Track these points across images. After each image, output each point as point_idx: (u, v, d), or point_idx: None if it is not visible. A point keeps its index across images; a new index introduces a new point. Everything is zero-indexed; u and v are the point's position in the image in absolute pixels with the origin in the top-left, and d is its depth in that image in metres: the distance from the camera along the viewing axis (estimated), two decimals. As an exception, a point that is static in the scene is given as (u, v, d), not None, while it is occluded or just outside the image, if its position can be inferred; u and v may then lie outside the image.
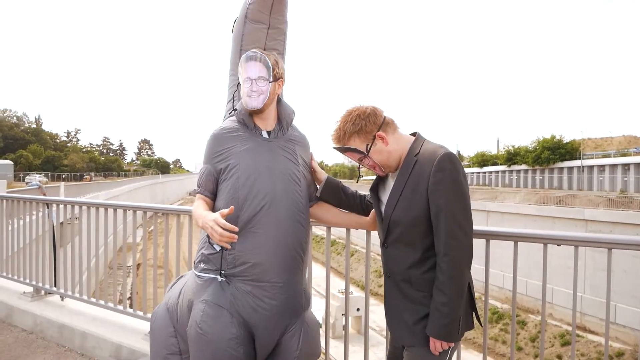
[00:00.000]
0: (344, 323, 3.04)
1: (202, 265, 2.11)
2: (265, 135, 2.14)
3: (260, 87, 2.06)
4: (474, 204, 30.82)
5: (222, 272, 2.02)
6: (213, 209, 2.11)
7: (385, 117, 1.97)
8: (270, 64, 2.09)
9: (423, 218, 1.84)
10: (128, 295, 17.64)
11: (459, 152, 61.04)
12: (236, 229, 1.85)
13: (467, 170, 49.34)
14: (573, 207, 25.48)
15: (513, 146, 43.17)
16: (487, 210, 27.72)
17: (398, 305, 1.93)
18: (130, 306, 3.86)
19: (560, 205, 26.39)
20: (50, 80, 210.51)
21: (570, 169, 37.11)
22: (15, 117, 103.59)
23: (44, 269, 4.56)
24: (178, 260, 3.97)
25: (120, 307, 3.89)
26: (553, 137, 39.28)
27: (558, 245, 2.23)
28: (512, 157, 42.01)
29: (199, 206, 2.10)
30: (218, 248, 2.04)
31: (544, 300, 2.37)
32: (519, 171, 41.77)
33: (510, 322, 21.79)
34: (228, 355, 1.94)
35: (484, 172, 46.21)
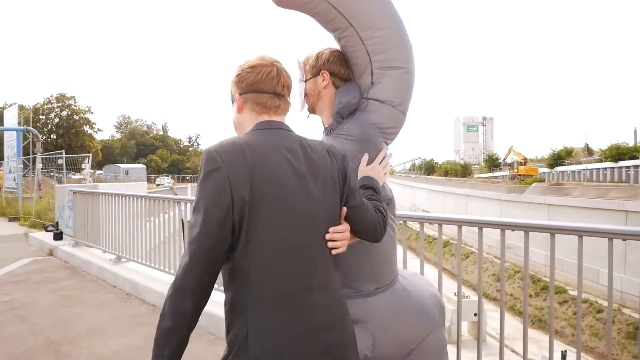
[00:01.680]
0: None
1: None
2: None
3: (300, 89, 1.95)
4: (608, 204, 28.02)
5: None
6: None
7: (259, 98, 1.50)
8: (300, 64, 1.95)
9: None
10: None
11: (587, 145, 55.23)
12: None
13: (598, 165, 44.62)
14: None
15: (657, 136, 38.26)
16: (626, 210, 24.83)
17: None
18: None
19: None
20: (174, 91, 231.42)
21: None
22: (145, 126, 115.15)
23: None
24: None
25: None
26: None
27: None
28: (657, 149, 37.10)
29: None
30: None
31: None
32: (666, 165, 36.80)
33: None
34: None
35: (620, 167, 41.36)
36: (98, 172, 55.58)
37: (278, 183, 1.35)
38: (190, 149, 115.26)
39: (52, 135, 68.30)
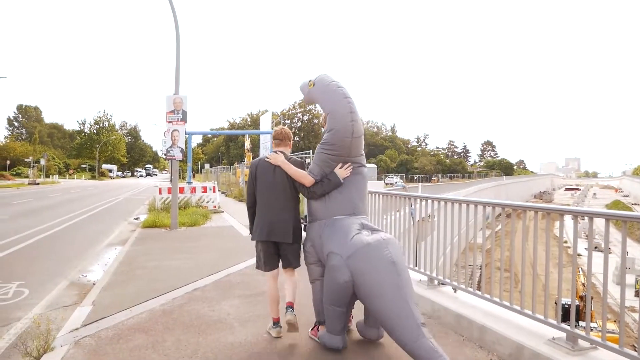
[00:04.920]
0: None
1: None
2: None
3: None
4: None
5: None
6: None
7: (275, 141, 4.41)
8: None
9: None
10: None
11: None
12: None
13: None
14: None
15: None
16: None
17: None
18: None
19: None
20: (404, 92, 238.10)
21: None
22: (375, 127, 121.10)
23: (436, 262, 4.92)
24: (523, 264, 3.72)
25: (518, 307, 3.79)
26: None
27: None
28: None
29: None
30: None
31: None
32: None
33: None
34: None
35: None
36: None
37: (263, 172, 4.16)
38: (418, 149, 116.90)
39: (295, 138, 77.97)
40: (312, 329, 4.20)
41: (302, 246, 4.22)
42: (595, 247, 10.40)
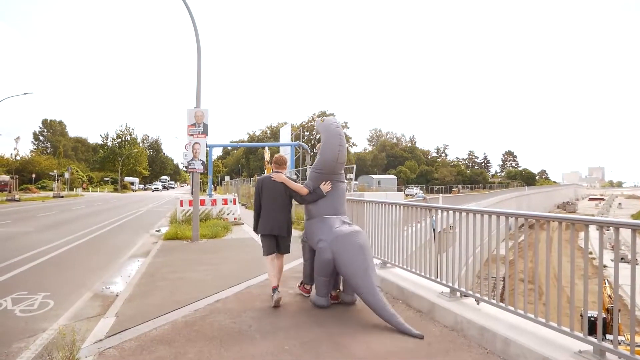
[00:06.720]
0: None
1: None
2: None
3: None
4: None
5: None
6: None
7: (274, 164, 6.29)
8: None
9: None
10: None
11: None
12: None
13: None
14: None
15: None
16: None
17: None
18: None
19: None
20: (423, 102, 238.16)
21: None
22: (395, 138, 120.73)
23: (458, 273, 4.87)
24: (547, 276, 3.79)
25: (543, 320, 3.73)
26: None
27: None
28: None
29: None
30: None
31: None
32: None
33: None
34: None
35: None
36: (354, 182, 60.77)
37: (267, 187, 5.92)
38: (438, 159, 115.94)
39: (314, 149, 78.51)
40: (299, 285, 6.26)
41: (301, 238, 6.07)
42: (622, 258, 10.16)
